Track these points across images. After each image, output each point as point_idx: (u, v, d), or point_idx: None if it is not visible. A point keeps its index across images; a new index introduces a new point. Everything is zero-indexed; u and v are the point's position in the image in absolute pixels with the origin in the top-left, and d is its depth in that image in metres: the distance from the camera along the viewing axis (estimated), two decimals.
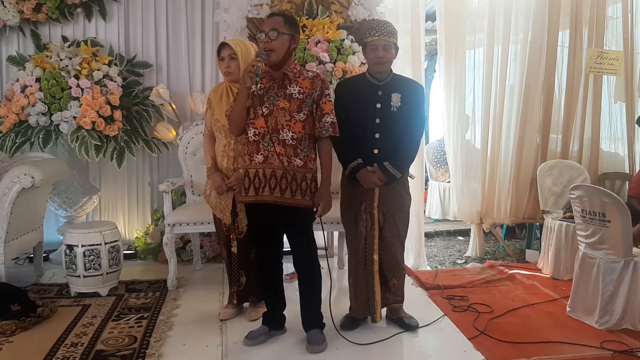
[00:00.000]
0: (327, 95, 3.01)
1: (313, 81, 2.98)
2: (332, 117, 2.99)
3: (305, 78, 2.99)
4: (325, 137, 3.00)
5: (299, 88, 2.96)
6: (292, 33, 2.96)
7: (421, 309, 3.67)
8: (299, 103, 2.95)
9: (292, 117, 2.95)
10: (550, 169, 5.11)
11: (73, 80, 4.37)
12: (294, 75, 2.99)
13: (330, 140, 3.04)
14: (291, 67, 3.00)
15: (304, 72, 3.03)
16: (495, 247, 5.86)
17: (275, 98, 2.97)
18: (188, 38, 5.05)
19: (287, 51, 2.95)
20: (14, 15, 4.65)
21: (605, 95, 5.51)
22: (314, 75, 3.02)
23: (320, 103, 2.98)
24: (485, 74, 5.33)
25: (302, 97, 2.95)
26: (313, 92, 2.96)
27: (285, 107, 2.95)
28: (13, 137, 4.38)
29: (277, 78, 3.00)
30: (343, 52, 4.45)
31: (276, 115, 2.95)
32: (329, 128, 2.98)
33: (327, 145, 3.03)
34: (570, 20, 5.24)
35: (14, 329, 3.28)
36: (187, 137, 4.54)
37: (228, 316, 3.52)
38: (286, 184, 2.96)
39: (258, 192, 2.99)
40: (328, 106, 3.00)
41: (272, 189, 2.97)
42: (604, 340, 3.27)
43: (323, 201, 2.97)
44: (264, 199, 2.99)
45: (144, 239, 4.93)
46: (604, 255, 3.52)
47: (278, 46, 2.91)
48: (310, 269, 3.13)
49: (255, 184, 3.00)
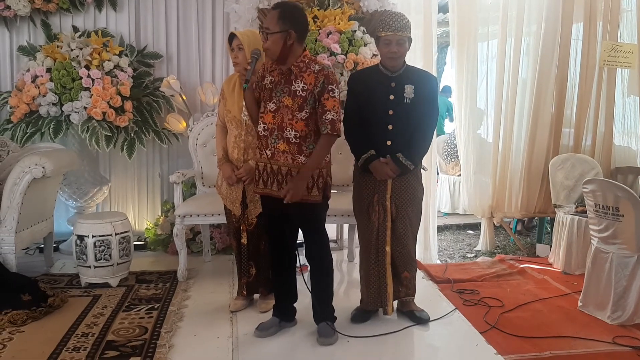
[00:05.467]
0: (329, 91, 2.89)
1: (317, 76, 2.90)
2: (332, 114, 2.89)
3: (311, 73, 2.91)
4: (324, 134, 2.91)
5: (302, 84, 2.91)
6: (286, 29, 2.85)
7: (432, 303, 3.65)
8: (301, 101, 2.91)
9: (294, 115, 2.92)
10: (562, 163, 5.07)
11: (84, 71, 4.36)
12: (299, 71, 2.93)
13: (332, 138, 2.94)
14: (297, 61, 2.94)
15: (311, 66, 2.94)
16: (505, 241, 5.83)
17: (281, 94, 2.95)
18: (199, 29, 5.03)
19: (284, 47, 2.87)
20: (25, 5, 4.64)
21: (619, 89, 5.44)
22: (319, 69, 2.92)
23: (322, 99, 2.89)
24: (498, 66, 5.28)
25: (305, 95, 2.90)
26: (315, 88, 2.90)
27: (288, 104, 2.92)
28: (24, 127, 4.38)
29: (284, 72, 2.97)
30: (354, 43, 4.41)
31: (282, 113, 2.94)
32: (328, 126, 2.89)
33: (324, 141, 2.93)
34: (584, 12, 5.18)
35: (24, 319, 3.29)
36: (197, 128, 4.52)
37: (238, 308, 3.52)
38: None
39: (267, 185, 3.01)
40: (330, 102, 2.89)
41: (279, 184, 2.98)
42: (617, 336, 3.25)
43: (290, 185, 2.89)
44: (272, 193, 3.01)
45: (153, 230, 4.94)
46: (616, 249, 3.49)
47: (270, 45, 2.88)
48: (322, 263, 3.13)
49: (264, 178, 3.02)
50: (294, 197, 2.90)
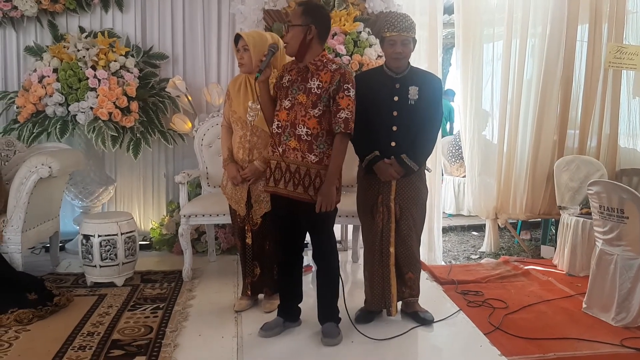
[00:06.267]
0: (345, 90, 2.89)
1: (333, 75, 2.91)
2: (346, 113, 2.89)
3: (328, 71, 2.92)
4: (338, 132, 2.92)
5: (318, 82, 2.92)
6: (307, 23, 2.88)
7: (436, 304, 3.65)
8: (315, 99, 2.92)
9: (307, 112, 2.93)
10: (567, 165, 5.07)
11: (90, 71, 4.38)
12: (316, 68, 2.94)
13: (346, 137, 2.95)
14: (315, 59, 2.95)
15: (329, 65, 2.95)
16: (510, 243, 5.83)
17: (296, 92, 2.96)
18: (204, 30, 5.04)
19: (303, 43, 2.90)
20: (32, 6, 4.66)
21: (624, 91, 5.43)
22: (336, 68, 2.93)
23: (337, 98, 2.90)
24: (503, 68, 5.29)
25: (320, 92, 2.91)
26: (330, 86, 2.90)
27: (302, 101, 2.93)
28: (30, 127, 4.40)
29: (302, 70, 2.98)
30: (360, 44, 4.43)
31: (296, 110, 2.94)
32: (342, 124, 2.89)
33: (338, 141, 2.93)
34: (589, 14, 5.18)
35: (30, 318, 3.31)
36: (202, 129, 4.54)
37: (243, 307, 3.53)
38: (299, 179, 2.96)
39: (277, 183, 3.01)
40: (345, 101, 2.89)
41: (286, 182, 2.98)
42: (625, 338, 3.24)
43: (320, 197, 2.91)
44: (279, 191, 3.01)
45: (159, 230, 4.95)
46: (621, 251, 3.48)
47: (290, 39, 2.92)
48: (328, 264, 3.12)
49: (275, 176, 3.02)
50: (327, 205, 2.91)
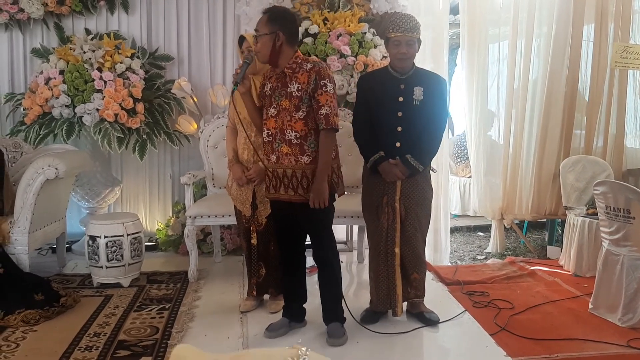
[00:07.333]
0: (322, 86, 2.91)
1: (309, 74, 2.93)
2: (326, 109, 2.91)
3: (304, 72, 2.94)
4: (321, 129, 2.94)
5: (297, 85, 2.94)
6: (274, 30, 2.90)
7: (442, 304, 3.64)
8: (297, 102, 2.94)
9: (292, 117, 2.95)
10: (573, 165, 5.05)
11: (96, 73, 4.41)
12: (292, 72, 2.96)
13: (330, 132, 2.95)
14: (290, 63, 2.97)
15: (304, 65, 2.96)
16: (516, 243, 5.81)
17: (279, 98, 2.99)
18: (210, 31, 5.05)
19: (273, 50, 2.93)
20: (38, 8, 4.68)
21: (630, 91, 5.41)
22: (311, 67, 2.94)
23: (316, 95, 2.92)
24: (508, 68, 5.27)
25: (300, 94, 2.93)
26: (308, 86, 2.92)
27: (286, 107, 2.96)
28: (37, 129, 4.44)
29: (280, 76, 3.01)
30: (364, 45, 4.43)
31: (282, 116, 2.97)
32: (323, 121, 2.91)
33: (323, 137, 2.94)
34: (595, 13, 5.15)
35: (37, 318, 3.33)
36: (208, 130, 4.55)
37: (248, 308, 3.54)
38: (297, 182, 2.99)
39: (277, 190, 3.05)
40: (324, 97, 2.91)
41: (286, 187, 3.02)
42: (632, 339, 3.22)
43: (312, 193, 2.93)
44: (280, 197, 3.05)
45: (164, 230, 4.97)
46: (628, 252, 3.47)
47: (260, 48, 2.96)
48: (329, 264, 3.14)
49: (273, 183, 3.06)
50: (320, 201, 2.93)
